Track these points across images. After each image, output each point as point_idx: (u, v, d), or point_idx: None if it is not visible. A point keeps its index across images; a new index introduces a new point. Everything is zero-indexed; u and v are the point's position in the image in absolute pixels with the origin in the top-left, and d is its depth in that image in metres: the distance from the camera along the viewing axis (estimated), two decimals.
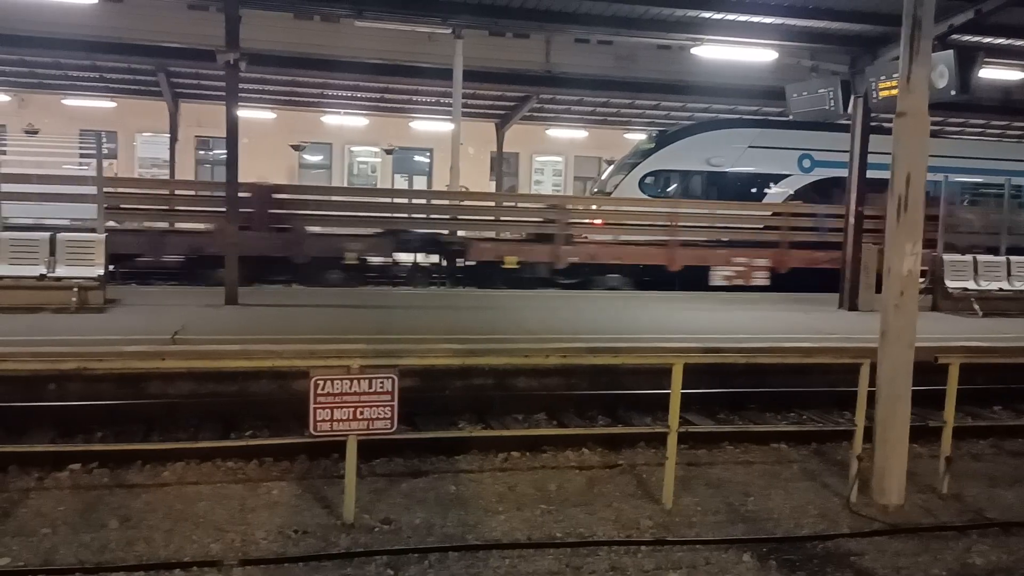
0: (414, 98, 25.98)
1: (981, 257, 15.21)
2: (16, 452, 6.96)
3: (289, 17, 20.57)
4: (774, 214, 19.65)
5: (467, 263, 18.06)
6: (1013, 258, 15.44)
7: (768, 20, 12.98)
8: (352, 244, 17.17)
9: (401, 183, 33.78)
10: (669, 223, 18.36)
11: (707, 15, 12.88)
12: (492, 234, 18.93)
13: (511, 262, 17.39)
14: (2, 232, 12.27)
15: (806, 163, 21.07)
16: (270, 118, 28.45)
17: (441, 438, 7.79)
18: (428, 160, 34.46)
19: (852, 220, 14.63)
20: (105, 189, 12.87)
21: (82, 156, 24.97)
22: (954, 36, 12.44)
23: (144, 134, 31.44)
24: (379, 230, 17.73)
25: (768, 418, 9.57)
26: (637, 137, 26.88)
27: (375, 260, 18.23)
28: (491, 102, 26.17)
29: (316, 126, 30.79)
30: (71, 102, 27.43)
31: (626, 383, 9.84)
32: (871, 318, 8.96)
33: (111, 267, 14.87)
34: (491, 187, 31.40)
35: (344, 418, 6.00)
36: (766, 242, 18.92)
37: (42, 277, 11.75)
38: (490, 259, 17.51)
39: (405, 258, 18.64)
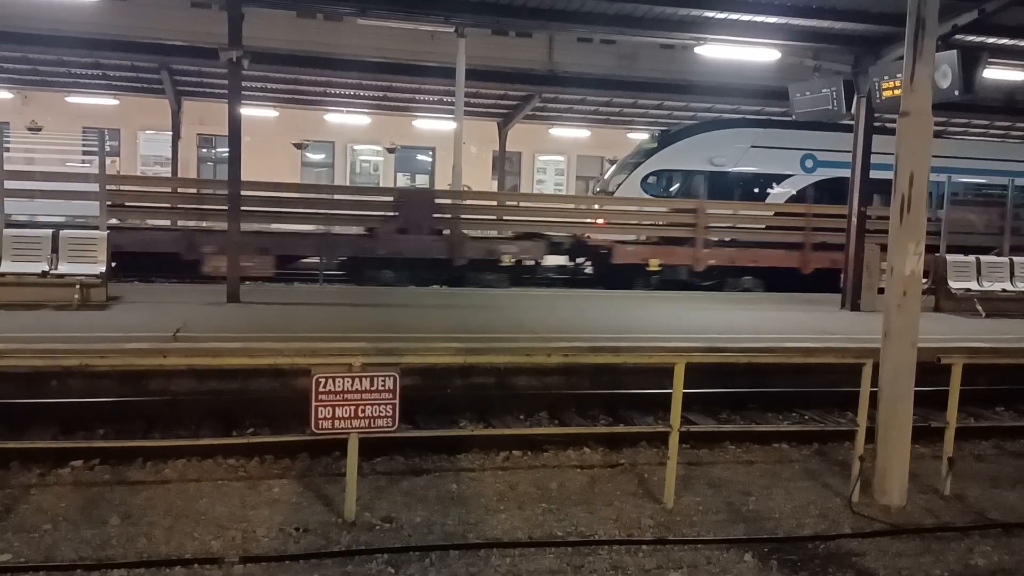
0: (416, 97, 25.95)
1: (984, 258, 15.19)
2: (18, 448, 6.96)
3: (292, 15, 20.57)
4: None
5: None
6: (1016, 259, 15.42)
7: (771, 20, 12.95)
8: (508, 247, 17.96)
9: (403, 182, 33.80)
10: (804, 226, 18.85)
11: (710, 14, 12.85)
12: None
13: (655, 265, 18.15)
14: (5, 229, 12.28)
15: (809, 163, 21.05)
16: (272, 116, 28.44)
17: (442, 436, 7.79)
18: (430, 159, 34.47)
19: (854, 220, 14.60)
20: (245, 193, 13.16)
21: (85, 153, 25.05)
22: (958, 36, 12.42)
23: (147, 132, 31.46)
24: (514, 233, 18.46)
25: (770, 418, 9.57)
26: (640, 137, 26.86)
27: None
28: (494, 101, 26.14)
29: (319, 124, 30.78)
30: (74, 99, 27.42)
31: (628, 382, 9.84)
32: (873, 318, 8.96)
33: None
34: (493, 186, 31.40)
35: (345, 416, 6.00)
36: None
37: (44, 274, 11.75)
38: (633, 262, 18.21)
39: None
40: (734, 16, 12.87)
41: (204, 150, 32.20)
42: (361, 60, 21.42)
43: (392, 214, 17.67)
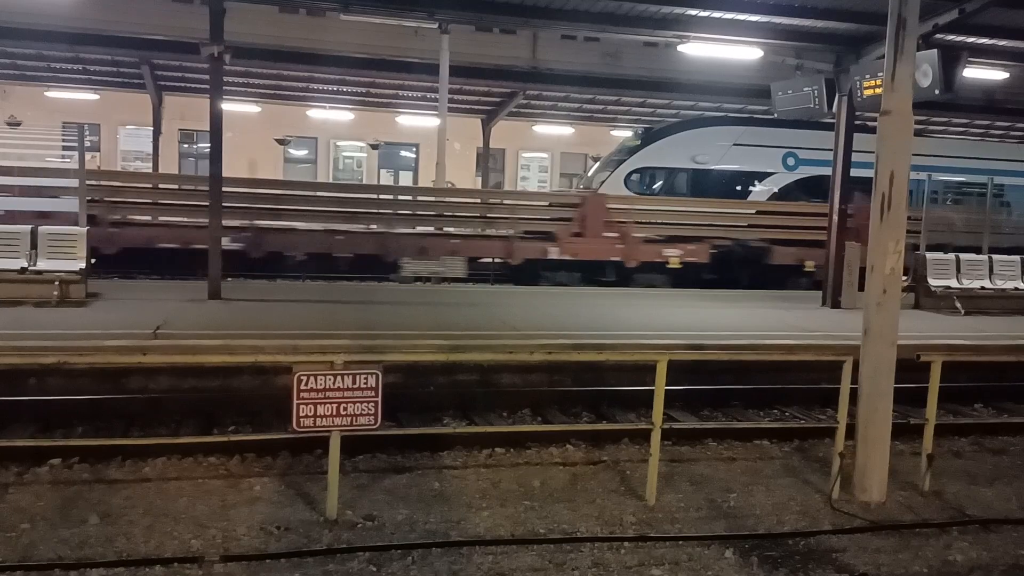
0: (400, 93, 25.90)
1: (963, 256, 15.32)
2: None
3: (274, 10, 20.41)
4: None
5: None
6: (995, 256, 15.56)
7: (754, 18, 13.00)
8: (673, 251, 18.50)
9: (387, 178, 33.72)
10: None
11: (693, 12, 12.89)
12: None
13: (810, 265, 18.71)
14: None
15: (790, 161, 21.18)
16: (255, 112, 28.29)
17: (425, 434, 7.78)
18: (414, 155, 34.39)
19: (835, 218, 14.69)
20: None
21: (65, 149, 24.84)
22: (938, 35, 12.51)
23: (127, 127, 31.20)
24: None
25: (751, 415, 9.61)
26: (623, 134, 26.92)
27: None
28: (477, 98, 26.14)
29: (301, 120, 30.63)
30: (54, 94, 27.18)
31: (610, 380, 9.85)
32: (854, 316, 9.00)
33: None
34: (477, 183, 31.40)
35: (327, 414, 5.98)
36: None
37: (23, 270, 11.65)
38: (789, 263, 18.82)
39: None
40: (716, 14, 12.92)
41: (185, 145, 32.00)
42: (344, 56, 21.35)
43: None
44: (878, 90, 12.13)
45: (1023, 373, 10.73)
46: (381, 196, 19.57)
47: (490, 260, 18.38)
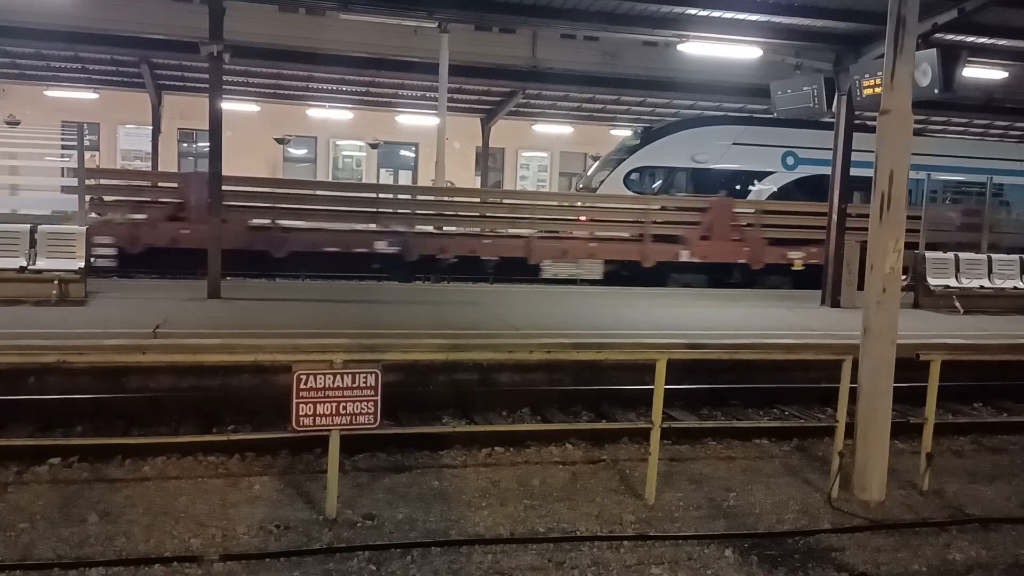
0: (400, 92, 25.89)
1: (962, 255, 15.32)
2: None
3: (274, 9, 20.40)
4: None
5: None
6: (994, 256, 15.57)
7: (753, 17, 12.99)
8: (797, 254, 18.82)
9: (386, 178, 33.71)
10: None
11: (692, 11, 12.88)
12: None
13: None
14: None
15: (790, 160, 21.18)
16: (254, 111, 28.27)
17: (424, 433, 7.78)
18: (413, 155, 34.38)
19: (835, 217, 14.68)
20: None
21: (64, 148, 24.86)
22: (938, 35, 12.51)
23: (127, 126, 31.17)
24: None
25: (751, 414, 9.62)
26: (623, 133, 26.92)
27: None
28: (477, 97, 26.12)
29: (301, 120, 30.60)
30: (53, 93, 27.15)
31: (610, 379, 9.85)
32: (853, 315, 9.01)
33: None
34: (476, 182, 31.40)
35: (327, 413, 5.99)
36: None
37: (22, 269, 11.64)
38: (905, 264, 18.69)
39: None
40: (716, 13, 12.90)
41: (185, 145, 31.97)
42: (344, 55, 21.34)
43: None
44: (877, 89, 12.13)
45: (1023, 372, 10.75)
46: (537, 202, 19.98)
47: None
